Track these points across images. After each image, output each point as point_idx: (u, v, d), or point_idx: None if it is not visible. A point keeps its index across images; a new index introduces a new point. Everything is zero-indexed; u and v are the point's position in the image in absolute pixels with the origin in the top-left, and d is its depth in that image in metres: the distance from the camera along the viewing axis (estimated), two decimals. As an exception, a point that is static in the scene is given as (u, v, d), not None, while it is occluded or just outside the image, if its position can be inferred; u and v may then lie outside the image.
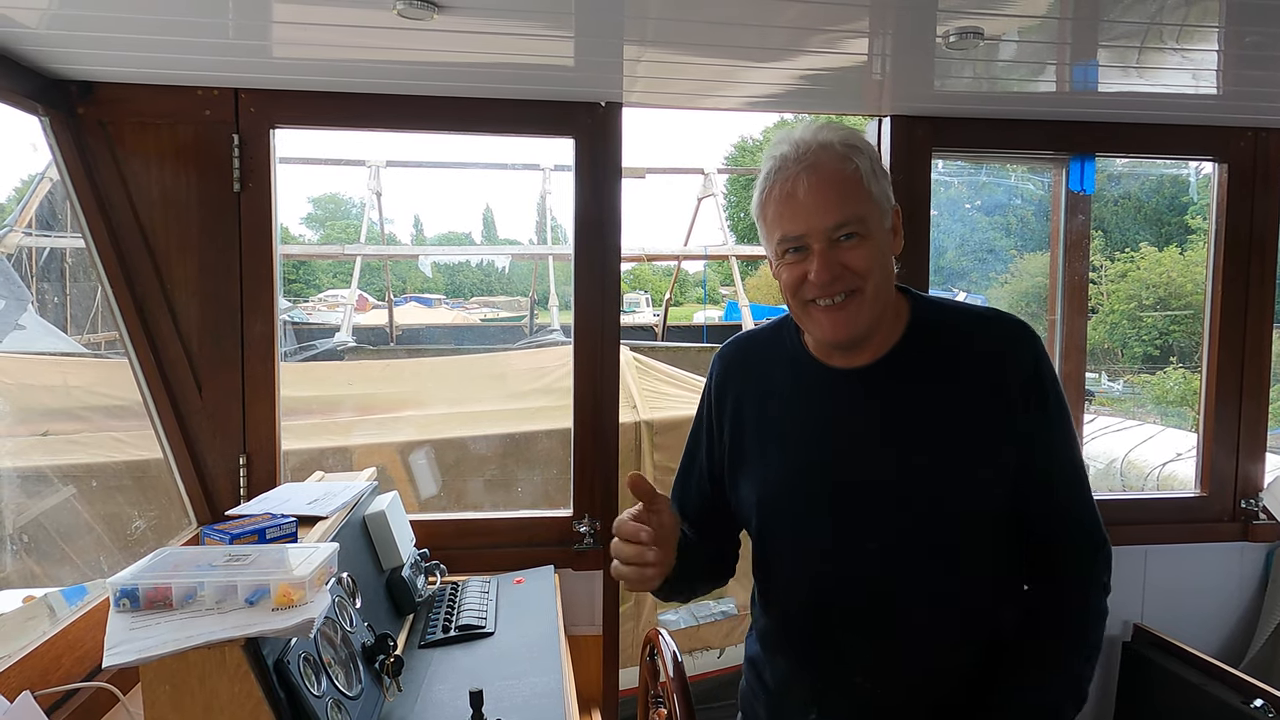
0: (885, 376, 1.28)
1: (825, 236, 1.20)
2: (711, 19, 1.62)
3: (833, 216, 1.20)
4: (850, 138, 1.24)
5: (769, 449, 1.34)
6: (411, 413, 4.43)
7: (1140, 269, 11.77)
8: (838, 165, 1.21)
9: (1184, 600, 2.56)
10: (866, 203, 1.21)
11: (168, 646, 1.10)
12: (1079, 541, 1.29)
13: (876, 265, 1.22)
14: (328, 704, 1.25)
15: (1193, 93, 2.17)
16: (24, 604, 1.99)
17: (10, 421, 4.00)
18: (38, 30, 1.65)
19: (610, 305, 2.30)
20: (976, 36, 1.68)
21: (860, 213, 1.21)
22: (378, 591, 1.84)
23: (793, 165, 1.21)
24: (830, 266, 1.20)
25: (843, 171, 1.20)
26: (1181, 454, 4.81)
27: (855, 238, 1.20)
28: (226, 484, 2.14)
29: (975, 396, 1.26)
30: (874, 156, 1.25)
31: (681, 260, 11.36)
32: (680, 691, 1.61)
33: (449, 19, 1.57)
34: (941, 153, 2.45)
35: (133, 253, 2.05)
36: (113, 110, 2.00)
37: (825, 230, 1.20)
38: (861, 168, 1.21)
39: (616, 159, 2.25)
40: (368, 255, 9.31)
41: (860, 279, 1.21)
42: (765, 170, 1.25)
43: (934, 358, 1.29)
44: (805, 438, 1.31)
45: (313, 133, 2.51)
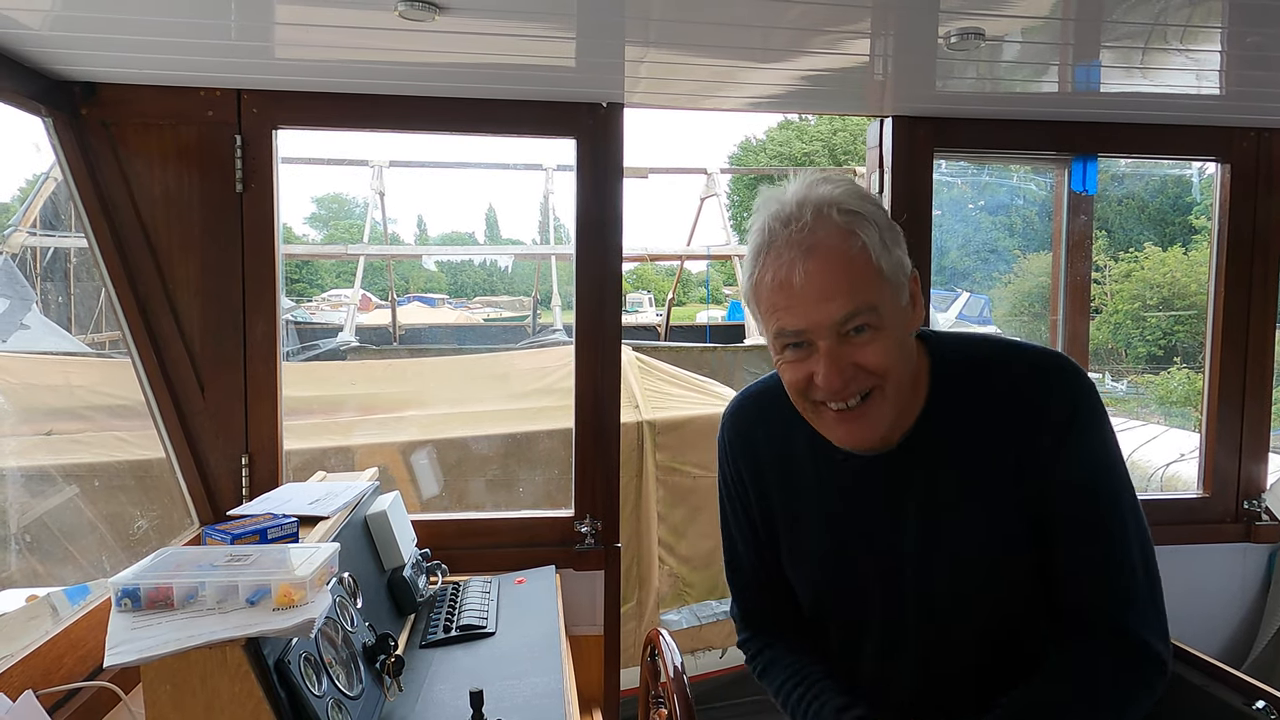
0: (911, 459, 1.14)
1: (832, 332, 1.01)
2: (713, 20, 1.62)
3: (839, 308, 1.00)
4: (852, 200, 1.03)
5: (797, 532, 1.25)
6: (414, 413, 4.43)
7: (1144, 269, 11.75)
8: (840, 243, 1.00)
9: (1186, 601, 2.53)
10: (878, 286, 1.01)
11: (169, 646, 1.10)
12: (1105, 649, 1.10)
13: (896, 359, 1.04)
14: (328, 704, 1.25)
15: (1195, 93, 2.17)
16: (27, 603, 2.00)
17: (14, 421, 4.01)
18: (41, 31, 1.66)
19: (612, 305, 2.30)
20: (978, 37, 1.68)
21: (872, 300, 1.01)
22: (379, 591, 1.84)
23: (784, 246, 1.01)
24: (840, 370, 1.02)
25: (847, 252, 1.00)
26: (1185, 454, 4.80)
27: (868, 330, 1.02)
28: (228, 484, 2.15)
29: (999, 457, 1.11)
30: (882, 220, 1.04)
31: (684, 260, 11.39)
32: (680, 692, 1.61)
33: (450, 20, 1.57)
34: (943, 153, 2.45)
35: (135, 253, 2.05)
36: (116, 111, 2.00)
37: (831, 325, 1.01)
38: (869, 242, 1.01)
39: (618, 159, 2.25)
40: (371, 255, 9.34)
41: (878, 378, 1.04)
42: (753, 244, 1.06)
43: (958, 428, 1.13)
44: (833, 524, 1.20)
45: (316, 133, 2.52)
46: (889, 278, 1.03)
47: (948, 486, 1.13)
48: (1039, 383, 1.11)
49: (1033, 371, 1.12)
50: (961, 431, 1.12)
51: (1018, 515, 1.11)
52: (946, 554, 1.14)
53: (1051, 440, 1.09)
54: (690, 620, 4.29)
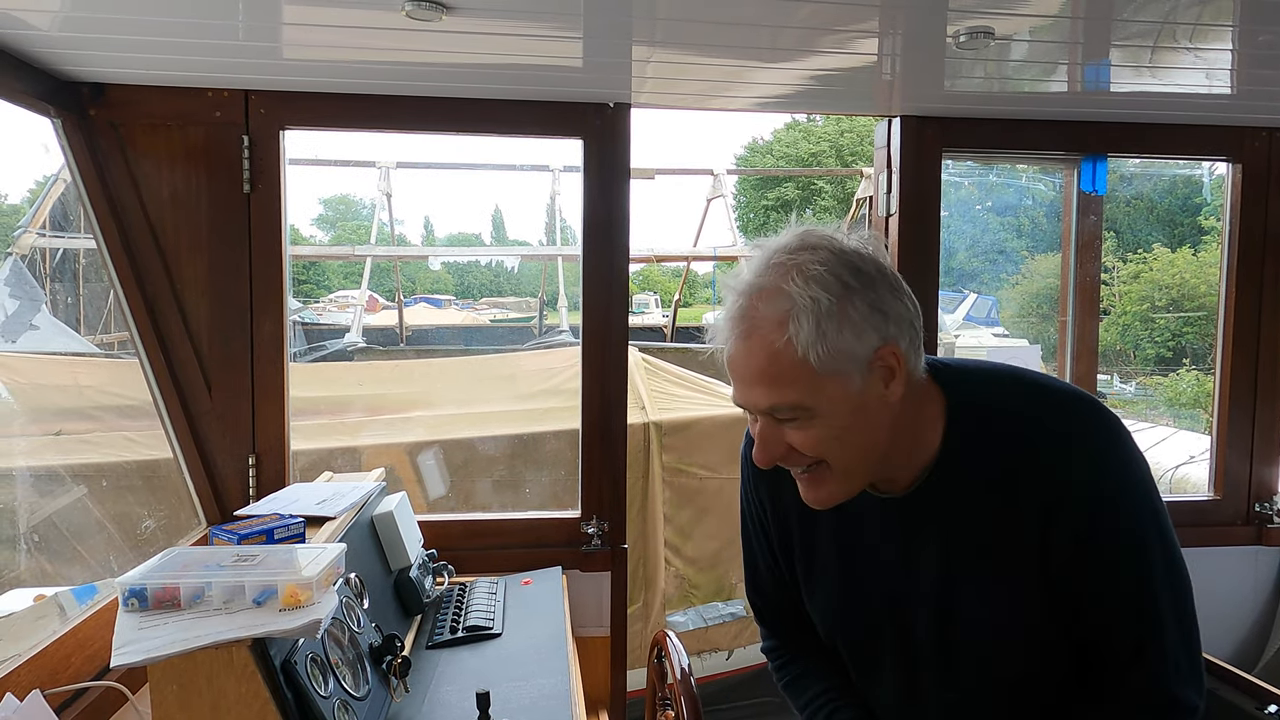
0: (924, 508, 1.11)
1: (764, 413, 1.04)
2: (719, 19, 1.62)
3: (762, 398, 1.02)
4: (781, 291, 0.98)
5: (813, 573, 1.24)
6: (420, 413, 4.44)
7: (1153, 270, 11.69)
8: (766, 334, 0.99)
9: (1197, 604, 2.53)
10: (804, 384, 0.99)
11: (175, 646, 1.10)
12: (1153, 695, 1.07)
13: (833, 444, 1.03)
14: (335, 705, 1.25)
15: (1206, 92, 2.15)
16: (34, 602, 2.00)
17: (24, 421, 4.03)
18: (49, 32, 1.67)
19: (619, 306, 2.29)
20: (987, 36, 1.67)
21: (793, 399, 1.00)
22: (385, 592, 1.84)
23: (733, 319, 1.02)
24: (768, 448, 1.04)
25: (769, 345, 0.98)
26: (1195, 456, 4.77)
27: (798, 420, 1.02)
28: (236, 484, 2.15)
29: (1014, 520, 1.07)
30: (824, 309, 0.97)
31: (691, 261, 11.34)
32: (688, 694, 1.60)
33: (457, 20, 1.57)
34: (952, 153, 2.43)
35: (143, 253, 2.06)
36: (124, 112, 2.01)
37: (761, 409, 1.03)
38: (798, 335, 0.97)
39: (625, 160, 2.25)
40: (378, 256, 9.35)
41: (808, 457, 1.04)
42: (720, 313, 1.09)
43: (969, 479, 1.09)
44: (846, 562, 1.20)
45: (323, 134, 2.52)
46: (824, 370, 0.99)
47: (963, 540, 1.10)
48: (1062, 443, 1.06)
49: (1056, 429, 1.07)
50: (978, 483, 1.08)
51: (1039, 579, 1.07)
52: (962, 609, 1.12)
53: (1077, 507, 1.04)
54: (696, 622, 4.29)
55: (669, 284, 21.63)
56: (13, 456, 3.75)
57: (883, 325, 1.01)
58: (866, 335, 1.00)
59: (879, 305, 1.01)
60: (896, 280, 1.04)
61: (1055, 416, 1.08)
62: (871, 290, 1.00)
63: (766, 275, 1.01)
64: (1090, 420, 1.07)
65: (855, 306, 0.99)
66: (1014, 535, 1.07)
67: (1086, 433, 1.06)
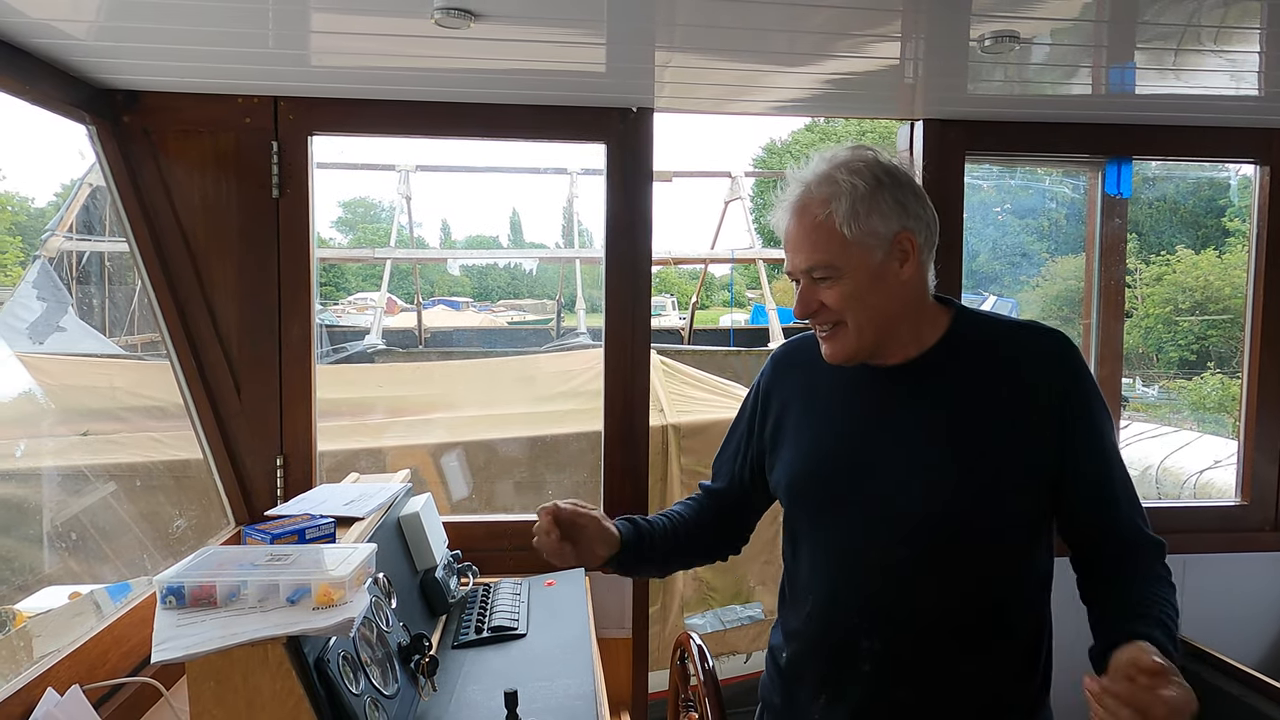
0: (912, 376, 1.33)
1: (805, 275, 1.30)
2: (740, 24, 1.63)
3: (804, 261, 1.29)
4: (832, 178, 1.27)
5: (802, 437, 1.41)
6: (441, 415, 4.47)
7: (1176, 273, 11.56)
8: (814, 210, 1.28)
9: (1224, 611, 2.51)
10: (837, 248, 1.26)
11: (213, 643, 1.12)
12: (1138, 542, 1.31)
13: (854, 302, 1.28)
14: (366, 702, 1.27)
15: (1233, 94, 2.14)
16: (70, 600, 2.04)
17: (52, 421, 4.10)
18: (85, 41, 1.70)
19: (641, 309, 2.31)
20: (1012, 40, 1.67)
21: (827, 259, 1.27)
22: (412, 592, 1.86)
23: (787, 207, 1.31)
24: (805, 302, 1.31)
25: (815, 218, 1.27)
26: (1220, 461, 4.72)
27: (828, 280, 1.28)
28: (264, 484, 2.18)
29: (1007, 400, 1.29)
30: (859, 194, 1.26)
31: (708, 263, 11.35)
32: (713, 695, 1.61)
33: (485, 27, 1.59)
34: (975, 156, 2.43)
35: (175, 257, 2.10)
36: (156, 118, 2.05)
37: (802, 271, 1.30)
38: (837, 212, 1.26)
39: (647, 164, 2.26)
40: (397, 259, 9.42)
41: (835, 314, 1.29)
42: None
43: (966, 361, 1.33)
44: (833, 430, 1.38)
45: (344, 138, 2.55)
46: (853, 242, 1.26)
47: (946, 404, 1.31)
48: (1058, 339, 1.33)
49: (1048, 330, 1.36)
50: (981, 359, 1.32)
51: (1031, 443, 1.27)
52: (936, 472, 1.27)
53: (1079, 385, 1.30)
54: (714, 624, 4.28)
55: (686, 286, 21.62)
56: (41, 457, 3.82)
57: (904, 216, 1.28)
58: (890, 220, 1.27)
59: (903, 201, 1.28)
60: (921, 192, 1.33)
61: (1042, 326, 1.38)
62: (899, 189, 1.29)
63: (821, 167, 1.29)
64: (1064, 335, 1.35)
65: (884, 197, 1.27)
66: (1018, 403, 1.28)
67: (1062, 336, 1.35)
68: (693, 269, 12.17)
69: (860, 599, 1.31)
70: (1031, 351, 1.32)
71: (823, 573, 1.36)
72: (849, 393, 1.38)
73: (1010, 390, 1.29)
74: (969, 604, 1.29)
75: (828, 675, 1.35)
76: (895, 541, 1.28)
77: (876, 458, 1.32)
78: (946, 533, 1.27)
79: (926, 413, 1.31)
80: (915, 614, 1.28)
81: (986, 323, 1.38)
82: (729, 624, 4.30)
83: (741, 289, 18.13)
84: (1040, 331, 1.36)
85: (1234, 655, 2.33)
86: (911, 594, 1.28)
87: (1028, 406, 1.28)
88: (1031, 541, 1.32)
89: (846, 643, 1.31)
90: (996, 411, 1.28)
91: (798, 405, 1.44)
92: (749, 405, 1.54)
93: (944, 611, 1.28)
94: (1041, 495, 1.29)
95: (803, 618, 1.39)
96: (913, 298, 1.32)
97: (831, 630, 1.34)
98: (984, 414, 1.29)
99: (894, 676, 1.30)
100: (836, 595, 1.34)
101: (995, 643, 1.30)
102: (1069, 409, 1.29)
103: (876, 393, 1.35)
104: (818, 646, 1.36)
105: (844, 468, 1.34)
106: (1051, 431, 1.28)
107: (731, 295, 17.20)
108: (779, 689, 1.45)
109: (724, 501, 1.56)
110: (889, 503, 1.29)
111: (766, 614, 4.34)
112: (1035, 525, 1.32)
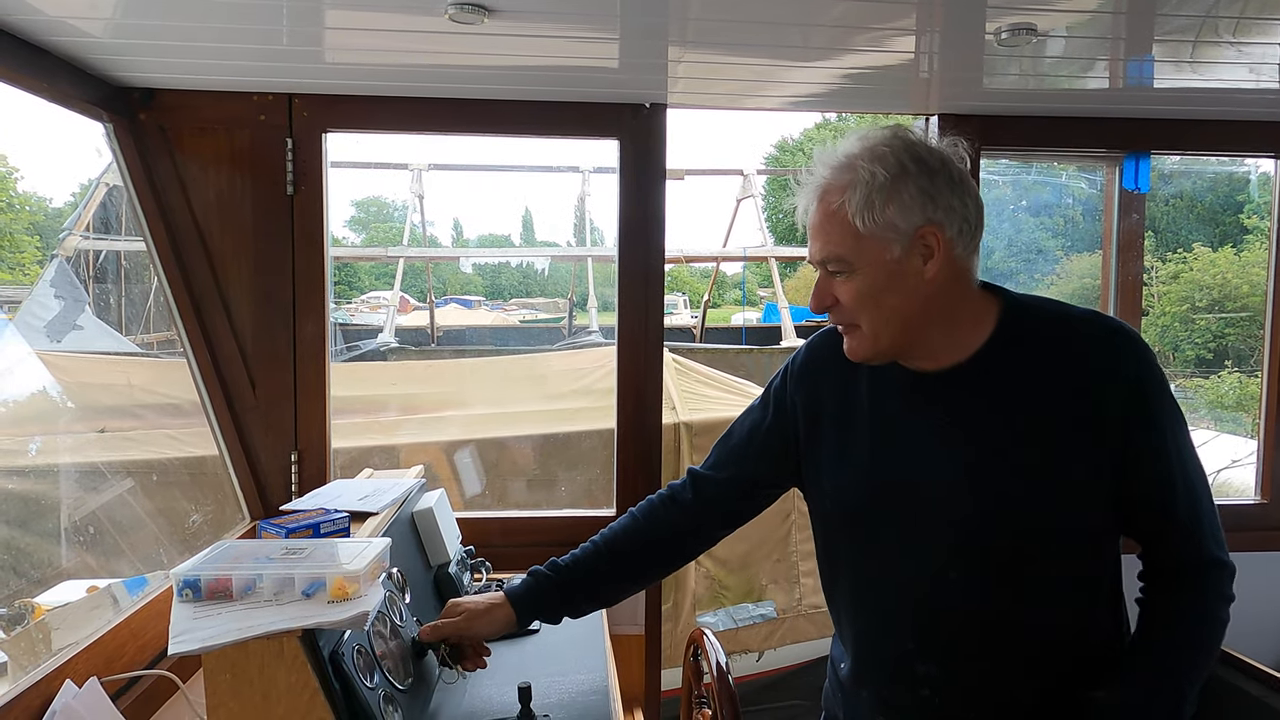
0: (957, 383, 1.22)
1: (820, 266, 1.23)
2: (754, 19, 1.62)
3: (818, 251, 1.21)
4: (851, 165, 1.17)
5: (846, 457, 1.30)
6: (454, 412, 4.49)
7: (1193, 270, 11.45)
8: (830, 198, 1.19)
9: (1243, 610, 2.44)
10: (850, 241, 1.17)
11: (230, 636, 1.13)
12: (1199, 558, 1.21)
13: (868, 301, 1.19)
14: (380, 696, 1.27)
15: (1252, 87, 2.11)
16: (88, 594, 2.06)
17: (69, 418, 4.14)
18: (102, 39, 1.71)
19: (654, 307, 2.30)
20: (1030, 33, 1.66)
21: (839, 253, 1.18)
22: (425, 587, 1.86)
23: (807, 191, 1.22)
24: (820, 295, 1.23)
25: (830, 206, 1.18)
26: (1238, 460, 4.67)
27: (842, 274, 1.20)
28: (279, 480, 2.19)
29: (1065, 405, 1.17)
30: (877, 184, 1.15)
31: (720, 262, 11.34)
32: (725, 691, 1.61)
33: (498, 23, 1.59)
34: (991, 152, 2.41)
35: (190, 254, 2.11)
36: (172, 116, 2.06)
37: (816, 261, 1.23)
38: (850, 202, 1.16)
39: (661, 160, 2.26)
40: (410, 257, 9.46)
41: (848, 313, 1.21)
42: None
43: (1018, 363, 1.20)
44: (876, 447, 1.27)
45: (358, 137, 2.56)
46: (868, 234, 1.16)
47: (1003, 418, 1.19)
48: (1120, 337, 1.20)
49: (1109, 325, 1.23)
50: (1033, 363, 1.20)
51: (1088, 455, 1.17)
52: (994, 482, 1.18)
53: (1129, 403, 1.17)
54: (727, 623, 4.28)
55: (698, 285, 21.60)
56: (59, 453, 3.86)
57: (930, 208, 1.16)
58: (911, 214, 1.16)
59: (930, 191, 1.16)
60: (962, 177, 1.19)
61: (1103, 318, 1.24)
62: (926, 177, 1.16)
63: (849, 149, 1.19)
64: (1126, 327, 1.24)
65: (907, 188, 1.15)
66: (1077, 407, 1.17)
67: (1133, 333, 1.23)
68: (705, 267, 12.17)
69: (913, 624, 1.23)
70: (1092, 349, 1.19)
71: (870, 596, 1.29)
72: (890, 403, 1.27)
73: (1068, 393, 1.17)
74: (1028, 625, 1.20)
75: (886, 695, 1.28)
76: (947, 564, 1.20)
77: (924, 475, 1.22)
78: (1004, 552, 1.18)
79: (978, 424, 1.20)
80: (972, 636, 1.21)
81: (1042, 315, 1.23)
82: (741, 622, 4.29)
83: (754, 287, 18.08)
84: (1103, 325, 1.22)
85: (1254, 655, 2.30)
86: (967, 616, 1.21)
87: (1088, 410, 1.17)
88: (1094, 556, 1.23)
89: (902, 667, 1.25)
90: (1054, 418, 1.17)
91: (832, 417, 1.33)
92: (771, 406, 1.42)
93: (1002, 633, 1.20)
94: (1104, 506, 1.19)
95: (854, 639, 1.33)
96: (941, 298, 1.19)
97: (886, 654, 1.27)
98: (1040, 422, 1.18)
99: (954, 699, 1.23)
100: (889, 619, 1.26)
101: (1058, 662, 1.22)
102: (1128, 405, 1.17)
103: (919, 402, 1.24)
104: (874, 668, 1.30)
105: (891, 488, 1.24)
106: (1115, 437, 1.16)
107: (744, 293, 17.14)
108: (840, 702, 1.39)
109: (718, 491, 1.44)
110: (939, 524, 1.20)
111: (779, 612, 4.34)
112: (1098, 538, 1.22)
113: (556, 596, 1.45)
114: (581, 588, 1.46)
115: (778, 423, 1.40)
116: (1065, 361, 1.19)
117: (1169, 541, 1.22)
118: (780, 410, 1.40)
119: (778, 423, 1.40)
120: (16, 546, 3.24)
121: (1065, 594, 1.21)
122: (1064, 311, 1.25)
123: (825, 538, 1.37)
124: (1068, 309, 1.25)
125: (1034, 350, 1.20)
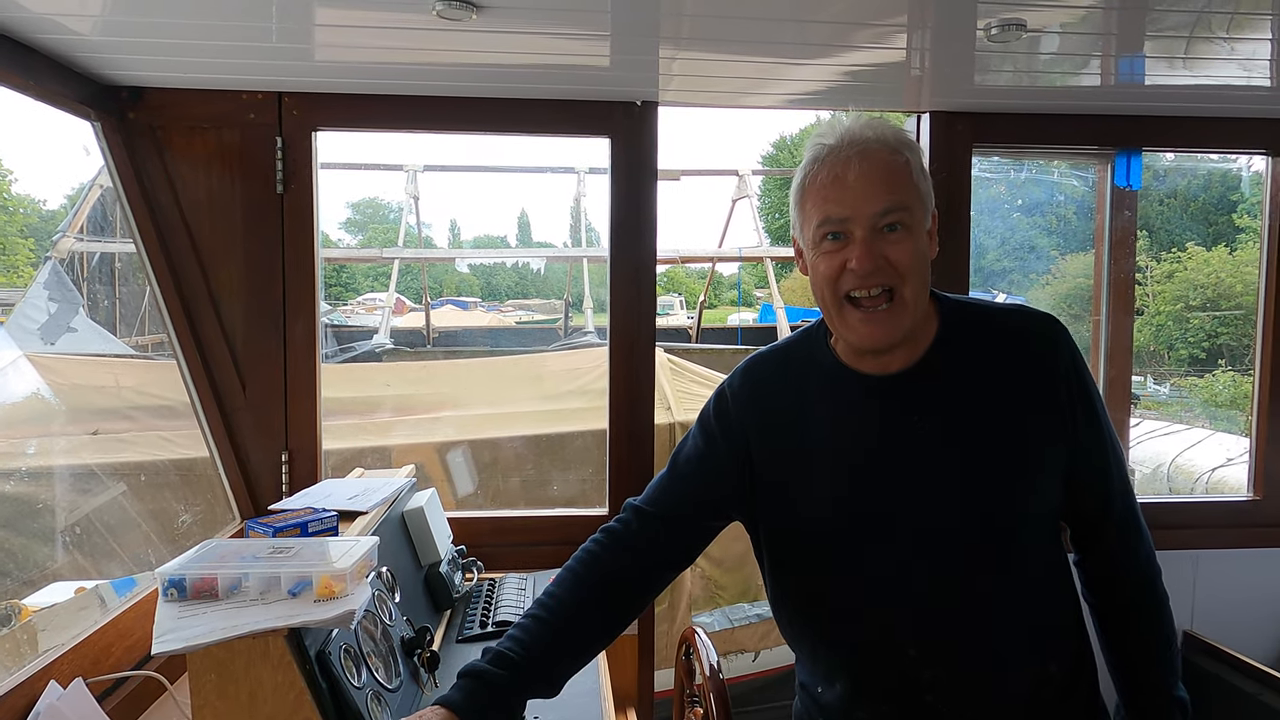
0: (920, 383, 1.23)
1: (870, 224, 1.16)
2: (745, 15, 1.62)
3: (881, 202, 1.15)
4: (901, 134, 1.22)
5: (811, 469, 1.26)
6: (448, 413, 4.47)
7: (1187, 269, 11.48)
8: (889, 155, 1.18)
9: (1237, 607, 2.48)
10: (914, 195, 1.18)
11: (214, 635, 1.12)
12: (1137, 533, 1.29)
13: (917, 264, 1.18)
14: (367, 695, 1.26)
15: (1244, 84, 2.11)
16: (76, 595, 2.05)
17: (62, 420, 4.12)
18: (90, 37, 1.70)
19: (646, 306, 2.29)
20: (1019, 29, 1.66)
21: (907, 202, 1.17)
22: (416, 586, 1.86)
23: (844, 149, 1.17)
24: (872, 255, 1.16)
25: (894, 161, 1.18)
26: (1233, 458, 4.68)
27: (900, 229, 1.16)
28: (269, 480, 2.18)
29: (1016, 396, 1.22)
30: (921, 158, 1.22)
31: (716, 262, 11.35)
32: (717, 690, 1.60)
33: (487, 19, 1.59)
34: (983, 149, 2.41)
35: (180, 254, 2.10)
36: (162, 114, 2.05)
37: (871, 216, 1.16)
38: (911, 161, 1.19)
39: (652, 159, 2.25)
40: (405, 258, 9.44)
41: (899, 276, 1.16)
42: (811, 155, 1.21)
43: (969, 360, 1.23)
44: (844, 456, 1.24)
45: (353, 139, 2.56)
46: (922, 196, 1.20)
47: (960, 409, 1.22)
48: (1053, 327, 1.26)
49: (1039, 315, 1.29)
50: (973, 363, 1.24)
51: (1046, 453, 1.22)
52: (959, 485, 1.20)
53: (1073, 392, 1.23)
54: (722, 623, 4.28)
55: (694, 285, 21.62)
56: (52, 455, 3.84)
57: (932, 197, 1.23)
58: (931, 194, 1.23)
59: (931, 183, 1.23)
60: None
61: (1032, 310, 1.30)
62: None
63: (874, 123, 1.20)
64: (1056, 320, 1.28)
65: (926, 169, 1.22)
66: (1026, 394, 1.22)
67: (1055, 321, 1.27)
68: (700, 268, 12.18)
69: (914, 631, 1.21)
70: (1034, 343, 1.25)
71: (865, 614, 1.24)
72: (851, 415, 1.25)
73: (1020, 385, 1.22)
74: (1016, 612, 1.22)
75: (887, 710, 1.25)
76: (944, 565, 1.20)
77: (906, 483, 1.21)
78: (993, 544, 1.20)
79: (947, 423, 1.21)
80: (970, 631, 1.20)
81: (975, 313, 1.28)
82: (737, 622, 4.29)
83: (749, 288, 18.10)
84: (1035, 317, 1.28)
85: (1246, 651, 2.30)
86: (965, 613, 1.20)
87: (1036, 396, 1.22)
88: (1054, 538, 1.27)
89: (906, 678, 1.22)
90: (1008, 408, 1.21)
91: (791, 440, 1.27)
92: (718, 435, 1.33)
93: (996, 623, 1.21)
94: (1059, 487, 1.23)
95: (845, 662, 1.28)
96: (928, 285, 1.23)
97: (889, 667, 1.23)
98: (1003, 416, 1.21)
99: (956, 699, 1.22)
100: (888, 632, 1.22)
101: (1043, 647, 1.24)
102: (1072, 393, 1.23)
103: (886, 409, 1.23)
104: (876, 684, 1.25)
105: (873, 501, 1.22)
106: (1062, 419, 1.22)
107: (739, 294, 17.17)
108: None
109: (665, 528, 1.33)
110: (929, 527, 1.20)
111: (774, 612, 4.32)
112: (1056, 521, 1.27)
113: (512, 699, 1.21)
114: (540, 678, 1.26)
115: (728, 450, 1.31)
116: (1010, 355, 1.24)
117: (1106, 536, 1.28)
118: (729, 438, 1.32)
119: (728, 450, 1.31)
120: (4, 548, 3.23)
121: (1043, 579, 1.26)
122: (992, 307, 1.32)
123: (795, 565, 1.30)
124: (993, 304, 1.34)
125: (978, 347, 1.24)
